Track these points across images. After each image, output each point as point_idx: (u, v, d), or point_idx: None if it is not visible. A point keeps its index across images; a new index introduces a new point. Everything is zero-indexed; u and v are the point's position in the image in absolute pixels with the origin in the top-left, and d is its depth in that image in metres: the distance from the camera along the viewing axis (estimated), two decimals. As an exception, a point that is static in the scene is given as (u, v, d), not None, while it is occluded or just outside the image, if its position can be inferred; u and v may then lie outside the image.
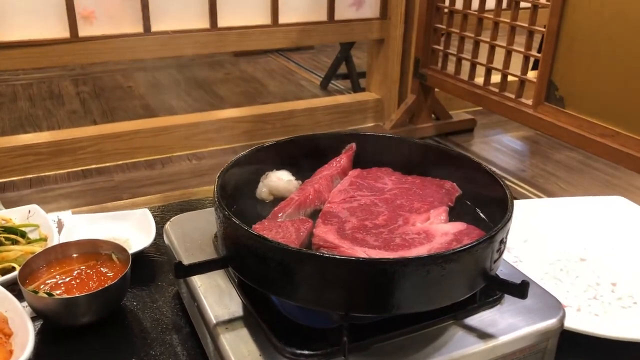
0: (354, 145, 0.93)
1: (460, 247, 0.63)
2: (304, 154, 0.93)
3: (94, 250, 0.92)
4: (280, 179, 0.86)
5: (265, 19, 2.32)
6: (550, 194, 2.18)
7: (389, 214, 0.79)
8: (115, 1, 2.01)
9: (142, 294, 0.93)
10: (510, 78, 2.13)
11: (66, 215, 1.08)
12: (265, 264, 0.65)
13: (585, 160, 2.46)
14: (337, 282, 0.62)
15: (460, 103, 2.73)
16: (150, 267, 1.00)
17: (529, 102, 2.05)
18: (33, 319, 0.82)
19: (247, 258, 0.68)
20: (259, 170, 0.89)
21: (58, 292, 0.84)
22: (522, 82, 2.07)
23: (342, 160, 0.90)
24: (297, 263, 0.63)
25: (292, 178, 0.87)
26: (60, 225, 1.05)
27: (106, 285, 0.83)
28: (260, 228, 0.74)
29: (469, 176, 0.86)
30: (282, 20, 2.34)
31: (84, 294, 0.82)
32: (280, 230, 0.73)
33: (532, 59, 2.06)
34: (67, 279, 0.87)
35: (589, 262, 1.00)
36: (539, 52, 1.99)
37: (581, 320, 0.85)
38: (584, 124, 1.89)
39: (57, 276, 0.88)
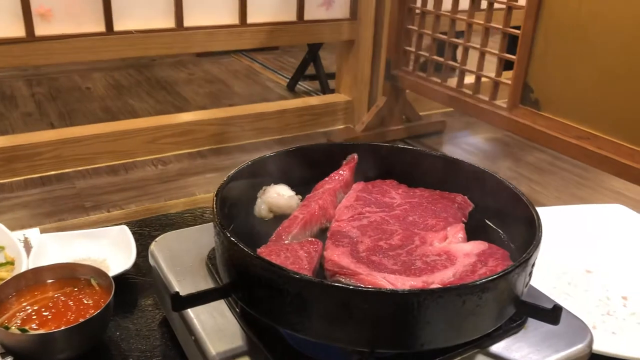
0: (355, 156, 0.86)
1: (499, 273, 0.57)
2: (301, 166, 0.86)
3: (70, 276, 0.82)
4: (280, 195, 0.78)
5: (233, 19, 2.23)
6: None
7: (403, 232, 0.72)
8: (75, -2, 1.89)
9: (125, 321, 0.85)
10: (484, 80, 2.11)
11: (34, 234, 0.98)
12: (280, 296, 0.58)
13: (554, 162, 2.47)
14: (363, 317, 0.56)
15: (428, 105, 2.70)
16: (132, 290, 0.91)
17: (504, 104, 2.03)
18: (2, 355, 0.73)
19: (256, 289, 0.61)
20: (254, 184, 0.82)
21: (31, 325, 0.74)
22: (497, 84, 2.05)
23: (345, 172, 0.84)
24: (318, 296, 0.56)
25: (293, 193, 0.80)
26: (27, 246, 0.95)
27: (87, 317, 0.74)
28: (266, 252, 0.67)
29: (480, 188, 0.81)
30: (250, 20, 2.26)
31: (62, 328, 0.72)
32: (289, 254, 0.66)
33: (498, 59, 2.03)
34: (41, 310, 0.77)
35: (596, 275, 0.96)
36: (508, 53, 1.97)
37: (599, 339, 0.81)
38: (559, 126, 1.87)
39: (29, 307, 0.78)
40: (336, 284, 0.56)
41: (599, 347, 0.78)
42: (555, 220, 1.08)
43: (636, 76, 1.61)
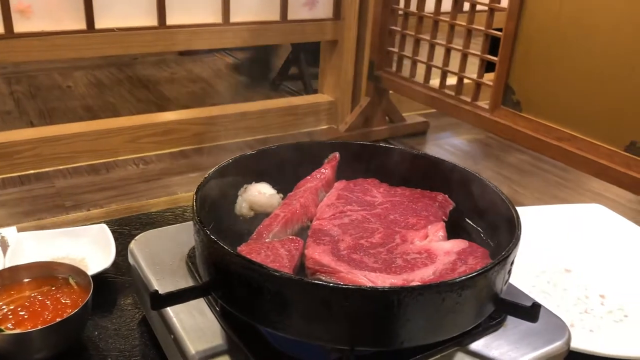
0: (337, 154, 0.86)
1: (478, 270, 0.57)
2: (283, 164, 0.85)
3: (48, 274, 0.81)
4: (261, 193, 0.78)
5: (216, 18, 2.22)
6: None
7: (384, 230, 0.73)
8: (55, -5, 1.87)
9: (103, 321, 0.84)
10: (466, 81, 2.12)
11: (10, 233, 0.97)
12: (260, 294, 0.58)
13: (535, 163, 2.49)
14: (344, 315, 0.56)
15: (411, 105, 2.71)
16: (111, 289, 0.90)
17: (486, 105, 2.04)
18: (-24, 356, 0.72)
19: (236, 287, 0.61)
20: (235, 182, 0.82)
21: (7, 325, 0.73)
22: (479, 85, 2.07)
23: (327, 171, 0.84)
24: (298, 294, 0.56)
25: (274, 191, 0.80)
26: (4, 245, 0.93)
27: (64, 316, 0.73)
28: (247, 250, 0.67)
29: (460, 187, 0.81)
30: (233, 19, 2.25)
31: (38, 327, 0.71)
32: (270, 252, 0.66)
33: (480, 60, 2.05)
34: (18, 309, 0.76)
35: (575, 273, 0.97)
36: (490, 54, 1.98)
37: (577, 337, 0.81)
38: (540, 127, 1.89)
39: (5, 306, 0.77)
40: (316, 282, 0.56)
41: (576, 344, 0.79)
42: (535, 219, 1.09)
43: (615, 78, 1.64)
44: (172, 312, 0.70)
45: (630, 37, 1.58)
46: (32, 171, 1.97)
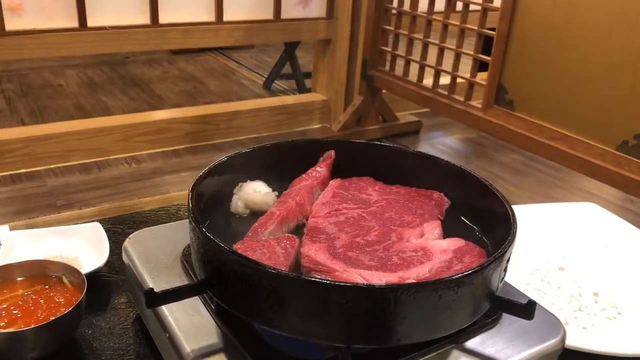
0: (332, 152, 0.86)
1: (475, 268, 0.57)
2: (278, 163, 0.85)
3: (41, 273, 0.80)
4: (256, 191, 0.78)
5: (209, 16, 2.22)
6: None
7: (380, 228, 0.72)
8: (47, -8, 1.85)
9: (97, 319, 0.83)
10: (459, 80, 2.13)
11: (3, 231, 0.96)
12: (256, 292, 0.58)
13: (528, 162, 2.50)
14: (340, 312, 0.55)
15: (404, 105, 2.72)
16: (105, 288, 0.89)
17: (479, 104, 2.05)
18: (-32, 355, 0.71)
19: (232, 285, 0.60)
20: (230, 180, 0.81)
21: (0, 324, 0.73)
22: (472, 84, 2.07)
23: (322, 169, 0.84)
24: (294, 291, 0.56)
25: (269, 189, 0.80)
26: (-4, 243, 0.92)
27: (58, 314, 0.73)
28: (242, 248, 0.66)
29: (456, 185, 0.81)
30: (226, 17, 2.25)
31: (31, 326, 0.71)
32: (266, 250, 0.66)
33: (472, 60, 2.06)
34: (10, 308, 0.75)
35: (569, 271, 0.97)
36: (483, 54, 1.99)
37: (571, 335, 0.82)
38: (533, 127, 1.90)
39: (-2, 305, 0.76)
40: (313, 279, 0.56)
41: (570, 342, 0.79)
42: (529, 218, 1.09)
43: (607, 77, 1.65)
44: (167, 310, 0.70)
45: (623, 37, 1.58)
46: (23, 170, 1.96)
